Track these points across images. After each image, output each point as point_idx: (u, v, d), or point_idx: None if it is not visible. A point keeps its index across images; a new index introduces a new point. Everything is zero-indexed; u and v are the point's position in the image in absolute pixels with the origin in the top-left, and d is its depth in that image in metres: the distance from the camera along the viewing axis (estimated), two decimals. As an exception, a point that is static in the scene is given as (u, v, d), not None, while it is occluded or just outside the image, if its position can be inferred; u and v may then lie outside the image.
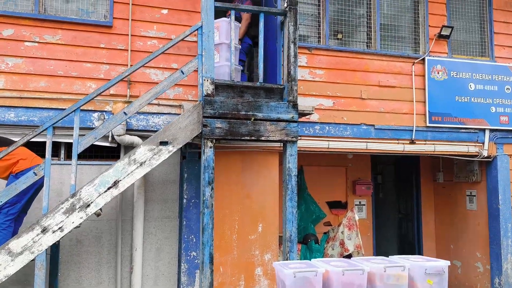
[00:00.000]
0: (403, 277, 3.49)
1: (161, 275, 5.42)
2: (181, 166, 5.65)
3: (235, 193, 5.74)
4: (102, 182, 4.22)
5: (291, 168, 4.77)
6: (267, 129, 4.72)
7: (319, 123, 6.05)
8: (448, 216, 7.63)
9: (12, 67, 5.00)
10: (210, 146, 4.54)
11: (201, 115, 4.55)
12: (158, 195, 5.54)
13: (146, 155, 4.38)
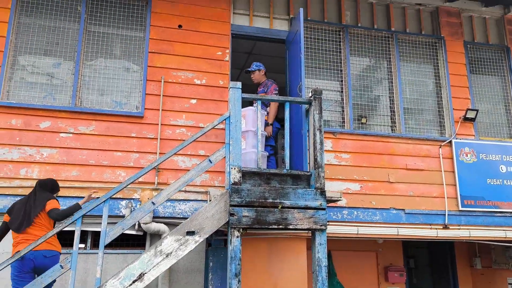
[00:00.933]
0: None
1: None
2: (206, 254, 5.53)
3: (262, 282, 5.52)
4: (127, 275, 4.12)
5: (320, 258, 4.59)
6: (295, 217, 4.62)
7: (347, 208, 5.92)
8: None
9: (46, 157, 5.19)
10: (237, 235, 4.44)
11: (228, 203, 4.52)
12: (182, 285, 5.37)
13: (173, 245, 4.31)
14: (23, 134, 5.17)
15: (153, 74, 5.72)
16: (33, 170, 5.11)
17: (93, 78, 5.62)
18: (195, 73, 5.87)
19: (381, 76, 6.76)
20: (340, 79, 6.51)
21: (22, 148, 5.13)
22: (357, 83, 6.56)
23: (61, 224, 4.19)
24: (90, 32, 5.71)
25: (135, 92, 5.73)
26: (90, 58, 5.67)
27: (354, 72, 6.59)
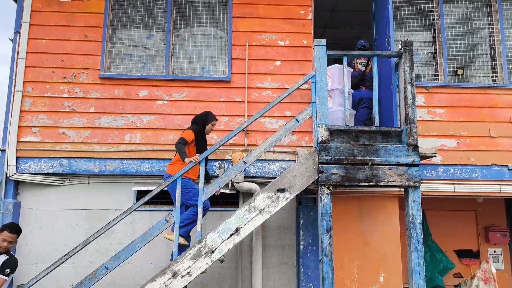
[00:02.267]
0: None
1: (281, 323, 5.37)
2: (296, 212, 5.67)
3: (353, 241, 5.55)
4: (225, 229, 4.40)
5: (414, 215, 4.48)
6: (386, 174, 4.54)
7: (442, 165, 5.65)
8: None
9: (146, 124, 5.62)
10: (327, 192, 4.49)
11: (317, 161, 4.56)
12: (275, 241, 5.60)
13: (265, 202, 4.49)
14: (125, 103, 5.64)
15: (237, 39, 5.84)
16: (136, 135, 5.58)
17: (182, 46, 5.89)
18: (278, 35, 5.87)
19: (480, 23, 6.18)
20: (432, 29, 6.08)
21: (125, 116, 5.61)
22: (451, 33, 6.07)
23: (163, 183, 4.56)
24: (178, 2, 5.94)
25: (221, 58, 5.90)
26: (179, 28, 5.93)
27: (448, 21, 6.10)
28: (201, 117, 5.07)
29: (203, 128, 5.03)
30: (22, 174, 5.40)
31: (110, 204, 5.52)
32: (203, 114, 5.10)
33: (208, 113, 5.11)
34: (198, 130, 4.97)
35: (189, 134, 4.88)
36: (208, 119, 5.07)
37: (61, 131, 5.52)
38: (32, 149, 5.44)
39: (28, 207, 5.46)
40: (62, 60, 5.66)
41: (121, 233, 5.45)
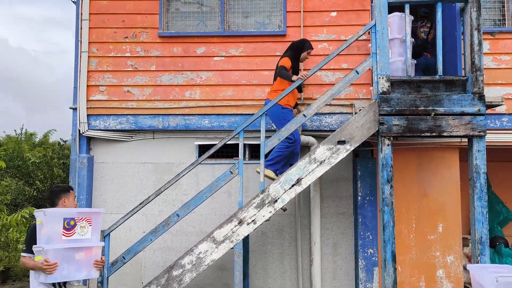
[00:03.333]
0: None
1: (339, 269, 5.59)
2: (353, 164, 5.74)
3: (411, 192, 5.58)
4: (286, 180, 4.58)
5: (479, 165, 4.43)
6: (449, 124, 4.47)
7: (507, 115, 5.48)
8: None
9: (205, 80, 5.78)
10: (388, 144, 4.51)
11: (377, 113, 4.56)
12: (332, 192, 5.73)
13: (325, 154, 4.59)
14: (184, 60, 5.80)
15: (292, -10, 5.75)
16: (195, 92, 5.76)
17: (236, 1, 5.89)
18: (334, -16, 5.72)
19: (554, -41, 5.69)
20: (499, -31, 5.70)
21: (184, 73, 5.78)
22: (521, -28, 5.66)
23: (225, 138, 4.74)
24: (230, -45, 5.89)
25: (276, 11, 5.86)
26: (233, -18, 5.91)
27: (518, -41, 5.67)
28: (298, 45, 5.20)
29: (298, 55, 5.18)
30: (93, 130, 5.77)
31: (174, 158, 5.83)
32: (300, 42, 5.24)
33: (305, 41, 5.23)
34: (293, 57, 5.12)
35: (287, 61, 5.06)
36: (304, 47, 5.20)
37: (126, 89, 5.80)
38: (101, 107, 5.78)
39: (100, 161, 5.88)
40: (122, 20, 5.84)
41: (186, 185, 5.77)
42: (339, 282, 5.57)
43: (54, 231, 3.35)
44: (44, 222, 3.33)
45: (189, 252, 4.54)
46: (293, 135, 4.93)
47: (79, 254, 3.49)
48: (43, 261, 3.24)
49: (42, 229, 3.34)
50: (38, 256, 3.30)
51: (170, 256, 5.63)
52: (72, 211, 3.48)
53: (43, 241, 3.32)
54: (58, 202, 3.58)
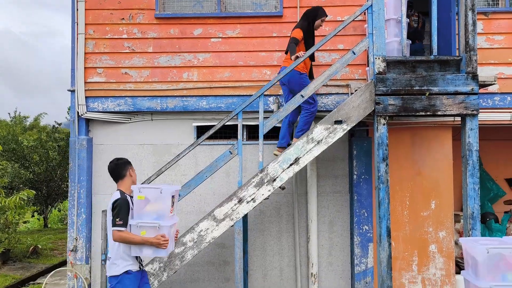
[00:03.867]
0: None
1: (335, 246, 5.76)
2: (349, 144, 5.86)
3: (405, 170, 5.72)
4: (285, 160, 4.68)
5: (471, 143, 4.57)
6: (443, 103, 4.59)
7: (499, 94, 5.59)
8: None
9: (202, 61, 5.81)
10: (384, 123, 4.62)
11: (373, 93, 4.65)
12: (328, 171, 5.86)
13: (323, 133, 4.69)
14: (181, 41, 5.82)
15: (288, -29, 5.76)
16: (193, 73, 5.80)
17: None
18: (330, -36, 5.73)
19: None
20: (494, -51, 5.74)
21: (181, 55, 5.81)
22: (515, -49, 5.71)
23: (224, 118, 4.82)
24: None
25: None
26: (229, -38, 5.89)
27: None
28: (312, 12, 5.25)
29: (313, 23, 5.24)
30: (92, 112, 5.80)
31: (173, 139, 5.90)
32: (314, 9, 5.29)
33: (319, 8, 5.28)
34: (306, 27, 5.18)
35: (298, 32, 5.12)
36: (318, 14, 5.25)
37: (123, 71, 5.82)
38: (99, 89, 5.80)
39: (99, 142, 5.93)
40: (119, 2, 5.82)
41: (184, 166, 5.86)
42: (335, 258, 5.75)
43: (164, 208, 3.50)
44: (155, 198, 3.47)
45: (190, 230, 4.66)
46: (313, 99, 5.05)
47: (173, 229, 3.73)
48: (159, 237, 3.41)
49: (147, 205, 3.47)
50: (143, 231, 3.42)
51: (170, 235, 5.75)
52: (176, 188, 3.65)
53: (152, 217, 3.46)
54: (126, 174, 3.66)
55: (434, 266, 5.60)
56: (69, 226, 5.79)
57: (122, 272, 3.47)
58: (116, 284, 3.47)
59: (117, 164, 3.71)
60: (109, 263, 3.54)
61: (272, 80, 4.83)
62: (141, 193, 3.46)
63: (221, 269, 5.76)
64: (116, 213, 3.41)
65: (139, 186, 3.52)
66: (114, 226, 3.40)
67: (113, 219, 3.41)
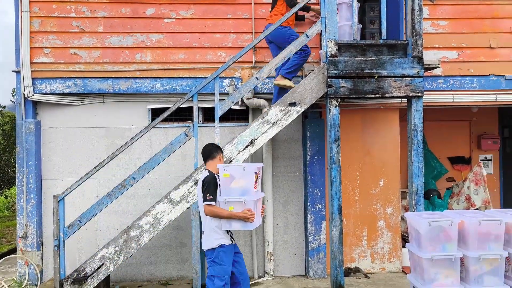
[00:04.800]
0: (545, 229, 3.46)
1: (290, 224, 5.94)
2: (303, 126, 6.00)
3: (356, 150, 5.96)
4: (240, 141, 4.74)
5: (416, 123, 4.82)
6: (391, 86, 4.79)
7: (443, 77, 5.90)
8: None
9: (155, 42, 5.70)
10: (336, 105, 4.77)
11: (326, 76, 4.77)
12: (283, 152, 5.99)
13: (277, 115, 4.78)
14: (133, 21, 5.66)
15: (242, -49, 5.71)
16: (146, 54, 5.68)
17: (185, -39, 5.77)
18: None
19: None
20: None
21: (134, 35, 5.67)
22: None
23: (179, 101, 4.79)
24: None
25: (226, -28, 5.82)
26: None
27: None
28: None
29: None
30: (39, 94, 5.57)
31: (126, 122, 5.80)
32: None
33: None
34: None
35: None
36: None
37: (72, 52, 5.60)
38: (46, 70, 5.56)
39: (47, 126, 5.72)
40: (65, -22, 5.56)
41: (139, 149, 5.78)
42: (290, 236, 5.93)
43: (248, 184, 3.75)
44: (239, 175, 3.76)
45: (146, 213, 4.64)
46: (306, 46, 5.11)
47: (259, 204, 3.95)
48: (246, 211, 3.69)
49: (232, 182, 3.76)
50: (231, 207, 3.72)
51: (125, 219, 5.70)
52: (258, 165, 3.94)
53: (238, 193, 3.75)
54: (217, 156, 3.97)
55: (382, 241, 5.92)
56: (18, 212, 5.59)
57: (217, 245, 3.75)
58: (213, 257, 3.75)
59: (213, 145, 4.07)
60: (204, 236, 3.83)
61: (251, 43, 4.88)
62: (226, 171, 3.77)
63: (178, 251, 5.79)
64: (206, 190, 3.70)
65: (223, 165, 3.83)
66: (205, 201, 3.69)
67: (204, 195, 3.71)
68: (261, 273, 5.85)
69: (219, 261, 3.73)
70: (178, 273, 5.79)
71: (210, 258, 3.77)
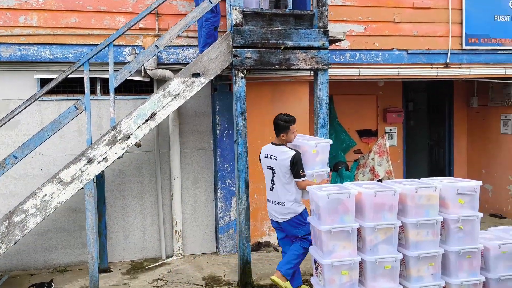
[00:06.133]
0: (434, 197, 3.60)
1: (199, 201, 5.74)
2: (212, 99, 5.75)
3: (267, 124, 5.80)
4: (139, 115, 4.38)
5: (322, 96, 4.79)
6: (297, 58, 4.69)
7: (350, 50, 5.94)
8: (481, 141, 7.57)
9: (42, 4, 5.05)
10: (241, 76, 4.57)
11: (231, 45, 4.54)
12: (192, 127, 5.71)
13: (180, 87, 4.48)
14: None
15: None
16: (32, 17, 5.02)
17: None
18: None
19: None
20: None
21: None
22: None
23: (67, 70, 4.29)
24: None
25: None
26: None
27: None
28: None
29: None
30: None
31: (11, 94, 5.14)
32: None
33: None
34: None
35: None
36: None
37: None
38: None
39: None
40: None
41: (27, 124, 5.17)
42: (200, 213, 5.74)
43: (326, 158, 4.24)
44: (322, 151, 4.18)
45: (32, 195, 4.15)
46: (216, 7, 4.83)
47: None
48: (326, 181, 4.13)
49: (317, 157, 4.14)
50: (314, 178, 4.09)
51: (14, 203, 5.09)
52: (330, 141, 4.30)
53: (319, 167, 4.16)
54: (290, 128, 4.13)
55: (292, 214, 5.93)
56: None
57: (302, 210, 4.07)
58: (302, 219, 4.06)
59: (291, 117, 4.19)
60: (284, 209, 4.09)
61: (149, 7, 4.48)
62: (316, 147, 4.11)
63: (77, 235, 5.35)
64: (299, 167, 3.95)
65: (315, 142, 4.16)
66: (300, 177, 3.96)
67: (297, 172, 3.95)
68: (169, 253, 5.62)
69: (306, 221, 4.01)
70: (78, 258, 5.37)
71: (299, 221, 4.07)
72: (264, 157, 4.26)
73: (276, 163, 4.07)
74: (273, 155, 4.11)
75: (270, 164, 4.15)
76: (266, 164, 4.23)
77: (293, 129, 4.13)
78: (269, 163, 4.17)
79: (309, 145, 4.11)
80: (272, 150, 4.16)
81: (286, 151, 4.02)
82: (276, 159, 4.08)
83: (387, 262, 3.50)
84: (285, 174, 4.00)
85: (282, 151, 4.04)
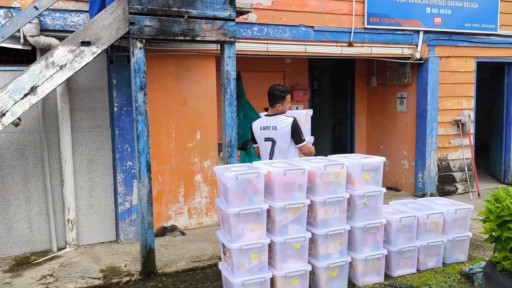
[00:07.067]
0: (342, 174, 3.57)
1: (96, 186, 5.20)
2: (108, 72, 5.18)
3: (171, 101, 5.46)
4: (17, 88, 3.74)
5: (229, 71, 4.53)
6: (202, 28, 4.34)
7: (258, 24, 5.73)
8: (379, 118, 7.95)
9: None
10: (140, 47, 4.12)
11: (127, 11, 4.05)
12: (85, 103, 5.10)
13: (66, 57, 3.90)
14: None
15: None
16: None
17: None
18: None
19: None
20: None
21: None
22: None
23: None
24: None
25: None
26: None
27: None
28: None
29: None
30: None
31: None
32: None
33: None
34: None
35: None
36: None
37: None
38: None
39: None
40: None
41: None
42: (96, 199, 5.20)
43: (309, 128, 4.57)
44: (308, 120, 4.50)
45: None
46: None
47: None
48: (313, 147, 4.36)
49: (306, 126, 4.39)
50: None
51: None
52: None
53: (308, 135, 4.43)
54: (286, 97, 4.28)
55: (199, 195, 5.68)
56: None
57: None
58: None
59: (286, 88, 4.37)
60: None
61: None
62: (306, 116, 4.45)
63: None
64: (299, 133, 4.14)
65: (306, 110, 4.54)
66: (301, 142, 4.16)
67: (298, 137, 4.13)
68: (62, 244, 5.04)
69: None
70: None
71: None
72: (260, 129, 4.35)
73: (276, 132, 4.19)
74: (271, 126, 4.24)
75: (269, 135, 4.25)
76: (263, 137, 4.31)
77: (288, 99, 4.29)
78: (268, 135, 4.26)
79: (301, 114, 4.43)
80: (269, 121, 4.29)
81: (284, 119, 4.19)
82: (276, 128, 4.21)
83: (297, 242, 3.42)
84: (286, 142, 4.16)
85: (280, 120, 4.21)
